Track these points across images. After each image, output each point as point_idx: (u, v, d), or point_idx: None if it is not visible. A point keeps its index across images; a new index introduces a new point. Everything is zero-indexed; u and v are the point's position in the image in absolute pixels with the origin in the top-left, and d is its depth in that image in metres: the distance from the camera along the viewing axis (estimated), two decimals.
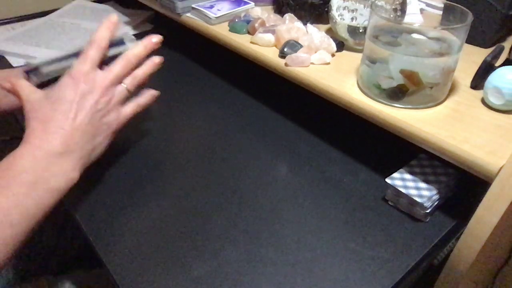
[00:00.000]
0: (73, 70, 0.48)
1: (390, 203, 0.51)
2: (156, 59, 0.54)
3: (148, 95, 0.56)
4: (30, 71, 0.52)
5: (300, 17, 0.66)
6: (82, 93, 0.47)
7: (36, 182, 0.42)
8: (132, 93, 0.53)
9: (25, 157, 0.43)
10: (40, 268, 0.68)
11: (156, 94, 0.57)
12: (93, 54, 0.49)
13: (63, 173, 0.45)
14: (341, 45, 0.61)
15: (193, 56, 0.87)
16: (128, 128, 0.55)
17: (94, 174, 0.55)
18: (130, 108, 0.53)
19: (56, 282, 0.61)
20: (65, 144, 0.45)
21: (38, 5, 1.03)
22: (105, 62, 0.51)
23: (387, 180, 0.50)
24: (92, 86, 0.47)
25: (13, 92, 0.49)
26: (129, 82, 0.51)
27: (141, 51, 0.52)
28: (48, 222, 0.68)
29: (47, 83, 0.51)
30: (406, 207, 0.49)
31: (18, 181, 0.42)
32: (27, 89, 0.49)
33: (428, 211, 0.48)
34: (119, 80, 0.50)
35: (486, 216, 0.42)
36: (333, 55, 0.60)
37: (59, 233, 0.71)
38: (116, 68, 0.50)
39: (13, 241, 0.41)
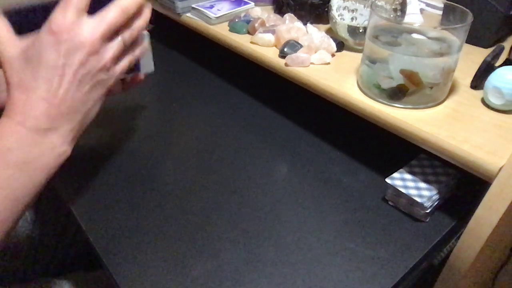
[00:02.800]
0: (52, 22, 0.38)
1: (390, 203, 0.51)
2: (147, 8, 0.44)
3: (142, 46, 0.46)
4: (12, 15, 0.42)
5: (300, 17, 0.66)
6: (66, 52, 0.38)
7: (23, 162, 0.38)
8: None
9: (9, 135, 0.38)
10: (41, 270, 0.68)
11: (146, 45, 0.47)
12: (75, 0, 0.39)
13: (51, 149, 0.40)
14: (341, 45, 0.61)
15: (193, 56, 0.87)
16: (128, 128, 0.54)
17: (94, 174, 0.55)
18: (125, 63, 0.44)
19: (56, 284, 0.61)
20: (51, 118, 0.39)
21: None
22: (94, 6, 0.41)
23: (387, 180, 0.50)
24: (78, 43, 0.38)
25: None
26: (127, 35, 0.42)
27: None
28: (49, 224, 0.68)
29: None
30: (406, 207, 0.49)
31: (3, 163, 0.38)
32: (6, 40, 0.39)
33: (428, 211, 0.48)
34: (114, 33, 0.41)
35: (486, 216, 0.42)
36: (333, 55, 0.60)
37: (60, 235, 0.71)
38: (109, 17, 0.40)
39: (1, 226, 0.38)
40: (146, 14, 0.44)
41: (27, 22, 0.42)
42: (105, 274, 0.43)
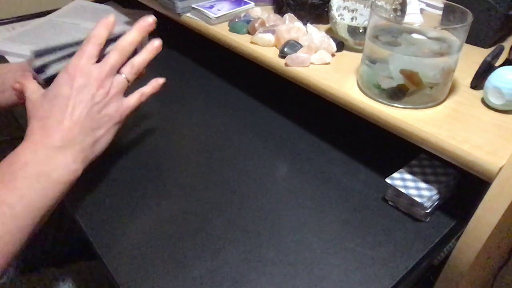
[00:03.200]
0: (69, 65, 0.48)
1: (390, 203, 0.51)
2: (155, 42, 0.53)
3: (153, 83, 0.55)
4: (37, 69, 0.52)
5: (300, 17, 0.66)
6: (78, 87, 0.47)
7: (38, 174, 0.43)
8: (134, 82, 0.52)
9: (26, 152, 0.44)
10: (41, 261, 0.69)
11: (161, 82, 0.56)
12: (89, 49, 0.48)
13: (64, 165, 0.45)
14: (341, 45, 0.61)
15: (193, 56, 0.87)
16: (128, 128, 0.55)
17: (94, 174, 0.55)
18: (133, 98, 0.52)
19: (57, 274, 0.61)
20: (64, 138, 0.45)
21: (38, 5, 1.03)
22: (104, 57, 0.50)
23: (387, 180, 0.50)
24: (88, 79, 0.47)
25: (22, 92, 0.50)
26: (127, 71, 0.51)
27: (135, 37, 0.51)
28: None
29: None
30: (406, 207, 0.49)
31: (21, 175, 0.42)
32: (30, 88, 0.49)
33: (428, 211, 0.48)
34: (116, 70, 0.50)
35: (486, 216, 0.42)
36: (333, 55, 0.60)
37: (57, 228, 0.71)
38: (111, 58, 0.49)
39: (20, 234, 0.41)
40: (146, 51, 0.53)
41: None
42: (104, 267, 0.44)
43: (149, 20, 0.52)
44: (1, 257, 0.39)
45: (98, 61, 0.49)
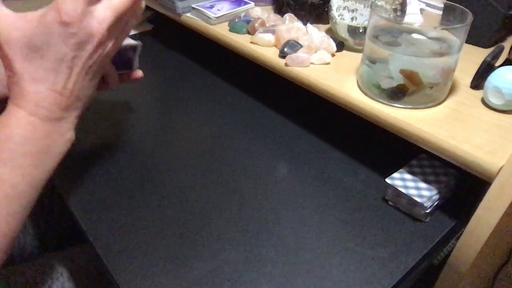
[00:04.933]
0: (63, 10, 0.37)
1: (390, 203, 0.51)
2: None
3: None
4: None
5: (300, 17, 0.66)
6: (76, 46, 0.39)
7: (39, 151, 0.41)
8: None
9: (23, 127, 0.40)
10: (35, 249, 0.69)
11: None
12: None
13: (61, 137, 0.43)
14: (341, 45, 0.61)
15: (193, 56, 0.87)
16: (128, 128, 0.54)
17: (94, 174, 0.55)
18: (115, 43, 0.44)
19: (54, 260, 0.61)
20: (62, 108, 0.42)
21: None
22: None
23: (387, 180, 0.50)
24: (89, 35, 0.39)
25: None
26: (130, 25, 0.45)
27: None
28: (35, 206, 0.69)
29: None
30: (406, 207, 0.49)
31: (21, 153, 0.40)
32: (3, 20, 0.38)
33: (428, 211, 0.48)
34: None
35: (486, 216, 0.42)
36: (333, 55, 0.60)
37: (47, 213, 0.71)
38: (116, 5, 0.41)
39: (23, 212, 0.40)
40: (139, 8, 0.45)
41: None
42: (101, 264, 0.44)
43: None
44: (7, 238, 0.39)
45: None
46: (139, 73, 0.56)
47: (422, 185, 0.49)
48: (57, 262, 0.60)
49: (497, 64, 0.50)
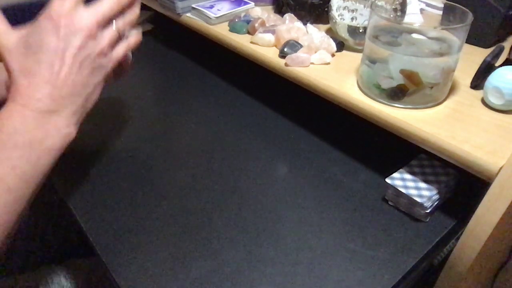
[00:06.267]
0: (51, 9, 0.41)
1: (390, 203, 0.51)
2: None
3: (135, 34, 0.50)
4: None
5: (300, 17, 0.66)
6: (66, 36, 0.41)
7: (30, 142, 0.40)
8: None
9: (14, 117, 0.40)
10: (41, 259, 0.69)
11: (140, 36, 0.51)
12: None
13: (57, 130, 0.42)
14: (341, 45, 0.61)
15: (193, 56, 0.87)
16: (128, 128, 0.54)
17: (94, 174, 0.55)
18: (121, 49, 0.47)
19: (55, 272, 0.61)
20: (54, 100, 0.41)
21: None
22: None
23: (387, 180, 0.50)
24: (76, 27, 0.41)
25: None
26: (120, 24, 0.45)
27: None
28: (43, 214, 0.68)
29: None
30: (406, 207, 0.49)
31: (11, 144, 0.39)
32: (2, 31, 0.42)
33: (428, 211, 0.48)
34: (108, 21, 0.44)
35: (486, 216, 0.42)
36: (333, 55, 0.60)
37: (54, 224, 0.71)
38: (104, 6, 0.43)
39: (14, 206, 0.39)
40: (137, 8, 0.48)
41: (24, 17, 0.43)
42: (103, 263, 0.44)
43: None
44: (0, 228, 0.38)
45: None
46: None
47: (422, 185, 0.49)
48: (60, 273, 0.60)
49: (497, 64, 0.50)
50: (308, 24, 0.63)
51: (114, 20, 0.45)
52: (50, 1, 0.41)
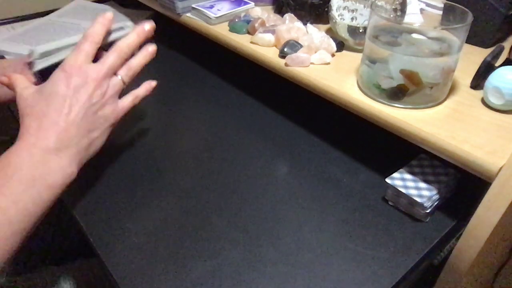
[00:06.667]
0: (65, 63, 0.47)
1: (390, 203, 0.51)
2: (150, 48, 0.54)
3: (146, 85, 0.55)
4: (31, 63, 0.51)
5: (300, 17, 0.66)
6: (75, 86, 0.46)
7: (33, 179, 0.42)
8: (128, 84, 0.52)
9: (21, 154, 0.43)
10: (40, 261, 0.69)
11: (153, 85, 0.56)
12: (86, 48, 0.48)
13: (60, 168, 0.44)
14: (341, 45, 0.61)
15: (193, 56, 0.87)
16: (128, 128, 0.55)
17: (94, 174, 0.55)
18: (127, 100, 0.52)
19: (58, 272, 0.61)
20: (60, 140, 0.45)
21: (38, 5, 1.03)
22: (104, 50, 0.50)
23: (387, 180, 0.50)
24: (85, 79, 0.46)
25: (10, 86, 0.49)
26: (123, 73, 0.50)
27: (134, 40, 0.51)
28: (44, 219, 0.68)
29: (46, 73, 0.50)
30: (406, 207, 0.49)
31: (15, 179, 0.41)
32: (22, 84, 0.48)
33: (428, 211, 0.48)
34: (113, 72, 0.49)
35: (486, 216, 0.42)
36: (333, 55, 0.60)
37: (55, 226, 0.71)
38: (109, 59, 0.49)
39: (14, 238, 0.41)
40: (142, 55, 0.53)
41: None
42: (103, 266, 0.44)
43: (148, 27, 0.53)
44: None
45: (95, 60, 0.49)
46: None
47: (422, 185, 0.49)
48: (60, 275, 0.60)
49: (497, 64, 0.50)
50: (308, 24, 0.63)
51: (118, 71, 0.50)
52: (66, 58, 0.48)
